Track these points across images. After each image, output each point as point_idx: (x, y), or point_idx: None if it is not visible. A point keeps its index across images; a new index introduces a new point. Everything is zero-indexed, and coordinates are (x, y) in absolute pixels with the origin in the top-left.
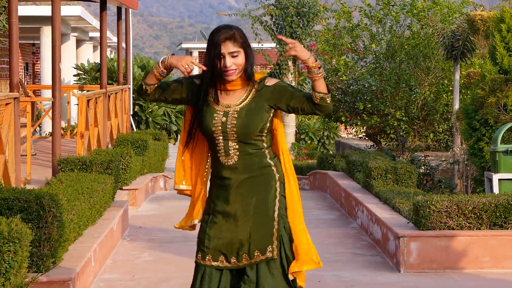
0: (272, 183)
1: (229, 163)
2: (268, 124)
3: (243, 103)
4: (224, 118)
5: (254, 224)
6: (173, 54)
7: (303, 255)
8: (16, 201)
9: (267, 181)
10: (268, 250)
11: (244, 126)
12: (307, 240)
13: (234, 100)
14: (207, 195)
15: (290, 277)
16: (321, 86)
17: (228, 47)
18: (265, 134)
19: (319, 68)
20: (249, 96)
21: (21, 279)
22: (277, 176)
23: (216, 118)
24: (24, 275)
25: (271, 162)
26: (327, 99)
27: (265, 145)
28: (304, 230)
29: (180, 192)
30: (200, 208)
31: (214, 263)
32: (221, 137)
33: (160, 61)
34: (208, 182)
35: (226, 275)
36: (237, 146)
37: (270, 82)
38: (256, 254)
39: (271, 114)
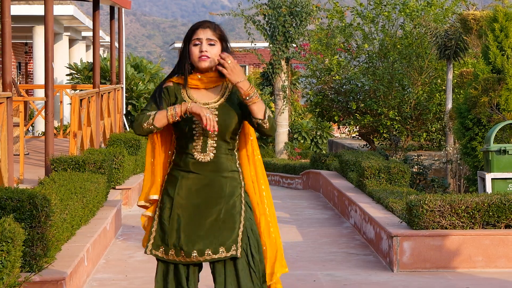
0: (239, 189)
1: (203, 160)
2: (240, 124)
3: (220, 101)
4: None
5: (222, 224)
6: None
7: (275, 266)
8: (9, 200)
9: (234, 185)
10: (233, 248)
11: (224, 123)
12: (276, 251)
13: (210, 98)
14: (163, 187)
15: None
16: (256, 112)
17: (206, 34)
18: (238, 134)
19: (250, 95)
20: (225, 94)
21: (14, 279)
22: (242, 183)
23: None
24: (17, 275)
25: (239, 168)
26: (264, 125)
27: (236, 147)
28: (274, 239)
29: (143, 207)
30: (159, 186)
31: (177, 259)
32: (200, 135)
33: (176, 108)
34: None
35: (193, 269)
36: (215, 144)
37: None
38: (221, 250)
39: (241, 114)
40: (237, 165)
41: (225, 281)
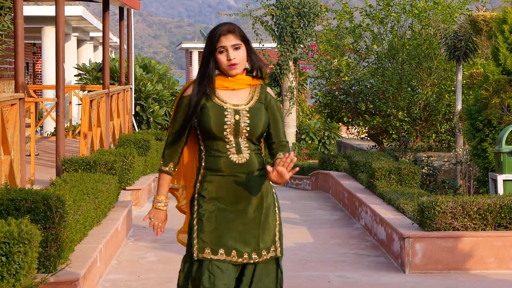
0: (271, 188)
1: (241, 161)
2: (265, 128)
3: (251, 103)
4: (238, 116)
5: (264, 224)
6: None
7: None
8: (23, 201)
9: (268, 184)
10: (272, 249)
11: (255, 125)
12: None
13: (240, 99)
14: (198, 192)
15: None
16: None
17: (230, 40)
18: (262, 137)
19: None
20: (254, 98)
21: (31, 280)
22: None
23: (228, 116)
24: (33, 276)
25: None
26: None
27: (261, 149)
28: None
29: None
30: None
31: (227, 258)
32: (232, 135)
33: (157, 203)
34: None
35: (232, 270)
36: (247, 144)
37: (271, 92)
38: (263, 253)
39: (267, 119)
40: (264, 165)
41: (252, 282)
